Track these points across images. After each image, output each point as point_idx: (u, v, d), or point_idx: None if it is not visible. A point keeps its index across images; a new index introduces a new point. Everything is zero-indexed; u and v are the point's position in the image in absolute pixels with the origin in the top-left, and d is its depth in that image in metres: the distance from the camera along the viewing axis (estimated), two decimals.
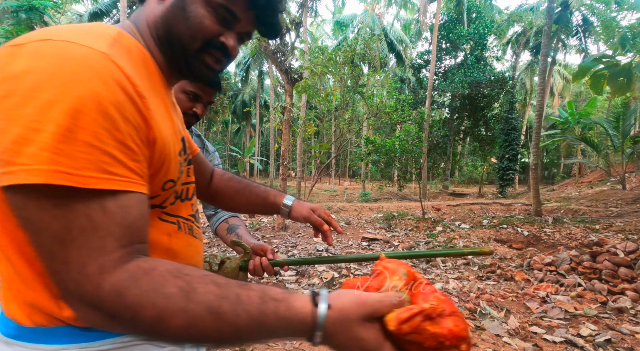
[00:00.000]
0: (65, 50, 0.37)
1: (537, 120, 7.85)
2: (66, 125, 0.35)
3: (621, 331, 2.32)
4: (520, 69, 23.76)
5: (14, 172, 0.34)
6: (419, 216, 7.60)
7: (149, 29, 0.52)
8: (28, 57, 0.36)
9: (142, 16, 0.53)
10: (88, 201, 0.36)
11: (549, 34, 7.51)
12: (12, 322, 0.45)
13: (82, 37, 0.40)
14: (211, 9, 0.50)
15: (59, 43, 0.38)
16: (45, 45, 0.37)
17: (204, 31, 0.50)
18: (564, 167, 26.85)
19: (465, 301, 2.86)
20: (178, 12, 0.50)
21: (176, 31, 0.50)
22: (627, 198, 9.63)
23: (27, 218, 0.36)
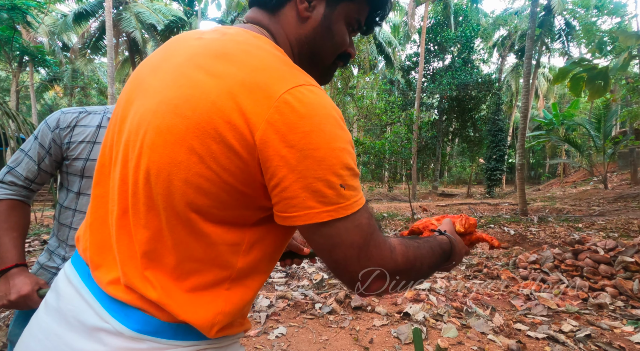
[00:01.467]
0: (322, 96, 0.45)
1: (522, 121, 8.03)
2: (350, 166, 0.45)
3: (601, 327, 2.39)
4: (507, 72, 24.26)
5: (336, 209, 0.43)
6: (408, 217, 7.68)
7: (291, 46, 0.56)
8: (309, 108, 0.43)
9: (281, 31, 0.56)
10: (366, 212, 0.47)
11: (533, 38, 7.71)
12: (152, 318, 0.47)
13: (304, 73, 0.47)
14: (348, 25, 0.58)
15: (313, 89, 0.45)
16: (308, 92, 0.44)
17: (343, 46, 0.58)
18: (549, 167, 27.49)
19: (452, 300, 2.91)
20: (325, 31, 0.56)
21: (320, 49, 0.57)
22: (608, 197, 9.92)
23: (337, 241, 0.45)
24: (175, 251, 0.46)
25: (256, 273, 0.52)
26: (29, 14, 8.64)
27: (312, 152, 0.42)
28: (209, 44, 0.48)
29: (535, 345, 2.19)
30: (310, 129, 0.42)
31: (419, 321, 2.48)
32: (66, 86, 18.49)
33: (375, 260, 0.47)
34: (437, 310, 2.66)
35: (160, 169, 0.44)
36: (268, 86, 0.43)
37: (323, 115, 0.43)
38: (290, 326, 2.43)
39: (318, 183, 0.42)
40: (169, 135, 0.44)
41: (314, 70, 0.58)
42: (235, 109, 0.42)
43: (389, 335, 2.30)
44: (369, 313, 2.66)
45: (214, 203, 0.45)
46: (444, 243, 0.62)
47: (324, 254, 0.47)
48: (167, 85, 0.47)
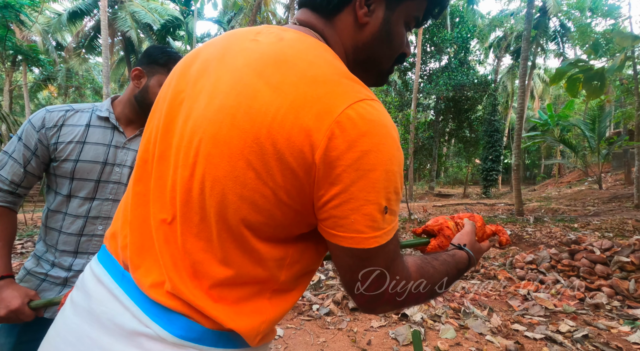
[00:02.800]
0: (383, 113, 0.43)
1: (518, 122, 8.08)
2: (398, 191, 0.44)
3: (598, 327, 2.40)
4: (502, 73, 24.43)
5: (381, 236, 0.43)
6: (405, 217, 7.69)
7: (346, 53, 0.53)
8: (370, 125, 0.41)
9: (336, 38, 0.53)
10: (396, 237, 0.47)
11: (529, 39, 7.77)
12: (196, 324, 0.46)
13: (364, 86, 0.45)
14: (406, 25, 0.55)
15: (375, 104, 0.43)
16: (370, 108, 0.42)
17: (401, 48, 0.56)
18: (545, 167, 27.70)
19: (450, 301, 2.91)
20: (384, 36, 0.53)
21: (378, 54, 0.54)
22: (603, 197, 10.01)
23: (362, 263, 0.44)
24: (225, 263, 0.46)
25: (296, 284, 0.51)
26: (22, 13, 8.55)
27: (367, 173, 0.40)
28: (267, 50, 0.46)
29: (533, 346, 2.18)
30: (369, 148, 0.40)
31: (416, 323, 2.47)
32: (60, 86, 18.32)
33: (390, 284, 0.47)
34: (435, 311, 2.65)
35: (215, 181, 0.43)
36: (330, 100, 0.41)
37: (383, 134, 0.41)
38: (287, 328, 2.41)
39: (369, 206, 0.41)
40: (225, 147, 0.42)
41: (369, 75, 0.56)
42: (296, 126, 0.40)
43: (387, 337, 2.29)
44: (366, 314, 2.65)
45: (266, 220, 0.44)
46: (462, 261, 0.61)
47: (345, 272, 0.46)
48: (224, 91, 0.45)
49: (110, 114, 0.96)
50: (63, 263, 0.90)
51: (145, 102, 0.95)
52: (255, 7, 5.77)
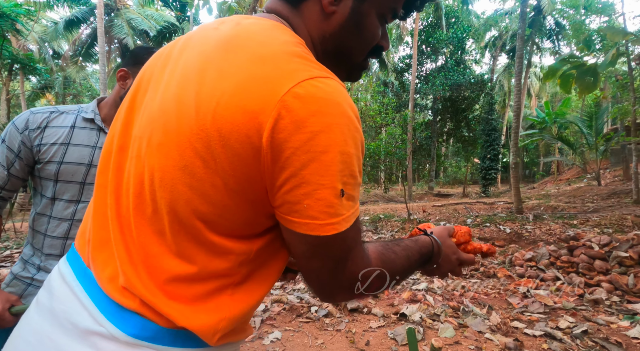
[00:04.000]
0: (337, 91, 0.40)
1: (515, 120, 8.09)
2: (356, 174, 0.42)
3: (597, 322, 2.39)
4: (498, 72, 24.50)
5: (339, 222, 0.40)
6: (404, 218, 7.68)
7: (313, 43, 0.51)
8: (321, 104, 0.38)
9: (302, 27, 0.51)
10: (356, 224, 0.44)
11: (523, 38, 7.79)
12: (150, 323, 0.44)
13: (320, 65, 0.43)
14: (380, 16, 0.52)
15: (328, 81, 0.40)
16: (322, 85, 0.39)
17: (374, 41, 0.53)
18: (544, 165, 27.72)
19: (449, 300, 2.89)
20: (353, 27, 0.50)
21: (348, 46, 0.52)
22: (602, 193, 10.00)
23: (321, 251, 0.42)
24: (180, 257, 0.44)
25: (261, 279, 0.49)
26: (18, 22, 8.57)
27: (319, 155, 0.38)
28: (221, 36, 0.45)
29: (533, 343, 2.17)
30: (320, 129, 0.38)
31: (415, 322, 2.46)
32: (58, 94, 18.35)
33: (348, 274, 0.45)
34: (434, 310, 2.64)
35: (165, 172, 0.42)
36: (277, 80, 0.38)
37: (336, 113, 0.39)
38: (285, 330, 2.39)
39: (324, 190, 0.39)
40: (174, 136, 0.41)
41: (341, 68, 0.54)
42: (240, 108, 0.38)
43: (386, 337, 2.28)
44: (365, 315, 2.63)
45: (220, 212, 0.42)
46: (425, 246, 0.60)
47: (301, 259, 0.44)
48: (178, 80, 0.44)
49: (95, 116, 0.95)
50: (49, 266, 0.89)
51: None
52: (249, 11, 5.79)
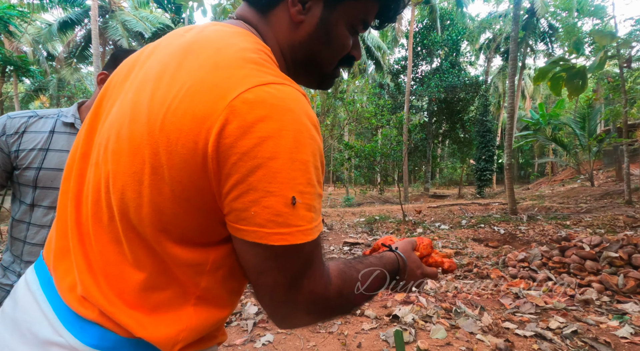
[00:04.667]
0: (292, 98, 0.39)
1: (509, 122, 8.16)
2: (314, 183, 0.40)
3: (587, 322, 2.41)
4: (493, 73, 24.72)
5: (291, 233, 0.38)
6: (400, 219, 7.70)
7: (282, 51, 0.51)
8: (271, 109, 0.37)
9: (270, 35, 0.50)
10: (316, 241, 0.42)
11: (516, 40, 7.87)
12: (110, 333, 0.43)
13: (278, 72, 0.42)
14: (350, 27, 0.51)
15: (283, 87, 0.39)
16: (274, 92, 0.39)
17: (344, 51, 0.53)
18: (538, 166, 27.94)
19: (442, 301, 2.91)
20: (322, 36, 0.50)
21: (318, 55, 0.52)
22: (595, 194, 10.10)
23: (272, 265, 0.40)
24: (137, 266, 0.43)
25: (226, 291, 0.48)
26: (11, 24, 8.51)
27: (267, 162, 0.37)
28: (182, 42, 0.45)
29: (524, 343, 2.19)
30: (268, 135, 0.37)
31: (408, 324, 2.47)
32: (52, 96, 18.22)
33: (304, 293, 0.42)
34: (426, 312, 2.65)
35: (117, 178, 0.42)
36: (227, 85, 0.38)
37: (288, 120, 0.38)
38: (277, 333, 2.39)
39: (271, 198, 0.37)
40: (126, 143, 0.41)
41: (312, 77, 0.54)
42: (188, 114, 0.38)
43: (378, 339, 2.28)
44: (358, 317, 2.64)
45: (169, 218, 0.41)
46: (390, 264, 0.59)
47: (251, 273, 0.42)
48: (135, 86, 0.44)
49: (76, 120, 0.94)
50: None
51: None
52: None
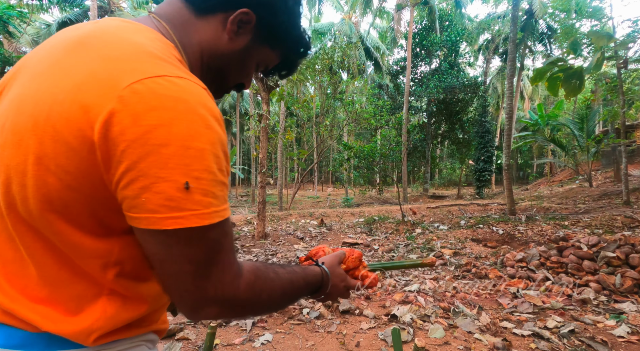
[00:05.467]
0: (187, 90, 0.41)
1: (507, 123, 8.19)
2: (213, 170, 0.40)
3: (584, 322, 2.42)
4: (492, 74, 24.79)
5: (185, 216, 0.39)
6: (399, 219, 7.71)
7: (201, 54, 0.54)
8: (162, 99, 0.38)
9: (195, 36, 0.53)
10: (220, 228, 0.42)
11: (515, 41, 7.90)
12: (16, 330, 0.43)
13: (177, 67, 0.44)
14: (257, 64, 0.61)
15: (178, 81, 0.41)
16: (168, 84, 0.40)
17: (244, 78, 0.62)
18: (537, 167, 28.00)
19: (440, 301, 2.92)
20: (238, 59, 0.57)
21: (227, 71, 0.58)
22: (593, 194, 10.13)
23: (175, 252, 0.40)
24: (33, 261, 0.43)
25: (141, 283, 0.47)
26: (10, 24, 8.51)
27: (158, 148, 0.37)
28: (76, 36, 0.45)
29: (521, 342, 2.20)
30: (158, 123, 0.37)
31: (406, 323, 2.48)
32: None
33: (214, 282, 0.42)
34: (424, 311, 2.66)
35: (1, 172, 0.41)
36: (118, 76, 0.39)
37: (182, 110, 0.39)
38: (276, 332, 2.40)
39: (162, 183, 0.37)
40: (9, 135, 0.41)
41: (214, 84, 0.59)
42: (76, 103, 0.38)
43: (376, 338, 2.29)
44: (356, 317, 2.65)
45: (60, 209, 0.40)
46: (313, 275, 0.61)
47: (155, 262, 0.42)
48: (25, 80, 0.43)
49: None
50: None
51: None
52: None
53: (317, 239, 6.17)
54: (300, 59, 0.65)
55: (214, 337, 1.27)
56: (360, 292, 0.74)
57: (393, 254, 4.95)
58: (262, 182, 6.41)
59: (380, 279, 3.57)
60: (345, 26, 22.01)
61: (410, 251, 5.00)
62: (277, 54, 0.61)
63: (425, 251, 4.94)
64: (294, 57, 0.64)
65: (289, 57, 0.63)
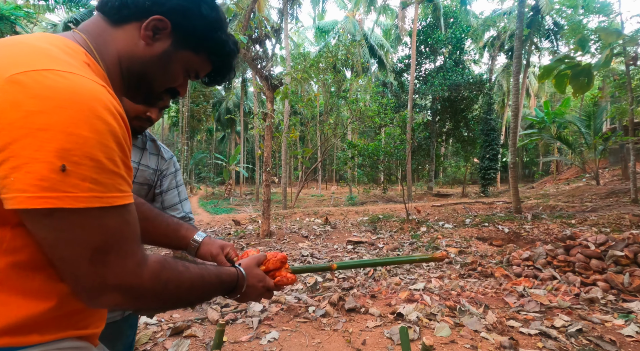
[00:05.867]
0: (77, 84, 0.41)
1: (513, 120, 8.12)
2: (97, 159, 0.41)
3: (592, 321, 2.40)
4: (497, 71, 24.55)
5: (60, 197, 0.39)
6: (403, 218, 7.69)
7: (119, 60, 0.56)
8: (46, 90, 0.39)
9: (112, 44, 0.56)
10: (118, 216, 0.44)
11: (521, 38, 7.82)
12: None
13: (75, 66, 0.44)
14: (185, 71, 0.62)
15: (69, 76, 0.41)
16: (56, 77, 0.40)
17: (173, 84, 0.63)
18: (543, 165, 27.73)
19: (446, 299, 2.91)
20: (160, 64, 0.58)
21: (150, 76, 0.59)
22: (600, 192, 10.02)
23: (61, 234, 0.41)
24: None
25: (40, 276, 0.45)
26: (17, 24, 8.60)
27: (35, 132, 0.38)
28: None
29: (528, 341, 2.19)
30: (39, 110, 0.38)
31: (412, 321, 2.48)
32: None
33: (113, 269, 0.43)
34: (430, 310, 2.66)
35: None
36: (3, 69, 0.40)
37: (67, 99, 0.39)
38: (283, 330, 2.41)
39: (35, 164, 0.38)
40: None
41: (139, 91, 0.61)
42: None
43: (382, 336, 2.29)
44: (362, 315, 2.65)
45: None
46: (227, 274, 0.64)
47: (47, 248, 0.42)
48: None
49: None
50: None
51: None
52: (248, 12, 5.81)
53: (322, 237, 6.18)
54: (230, 63, 0.67)
55: (222, 334, 1.28)
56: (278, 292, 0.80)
57: (398, 252, 4.94)
58: (267, 180, 6.43)
59: (385, 277, 3.58)
60: (349, 24, 21.91)
61: (415, 250, 4.99)
62: (204, 58, 0.63)
63: (430, 250, 4.93)
64: (220, 62, 0.65)
65: (218, 62, 0.65)
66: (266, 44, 6.81)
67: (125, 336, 1.04)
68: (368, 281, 3.45)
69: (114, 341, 0.99)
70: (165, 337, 2.30)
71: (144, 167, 1.03)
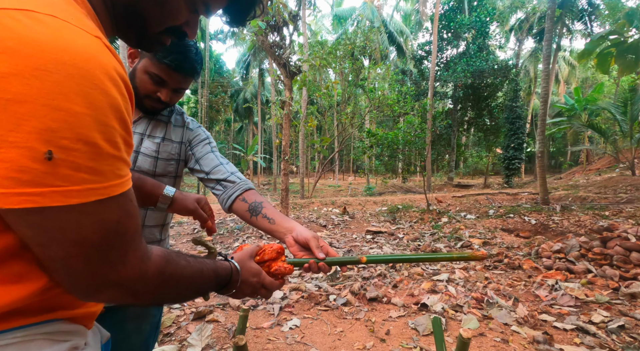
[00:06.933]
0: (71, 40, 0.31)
1: (542, 107, 7.69)
2: (92, 141, 0.32)
3: (635, 317, 2.24)
4: (524, 57, 23.39)
5: (44, 193, 0.31)
6: (423, 208, 7.53)
7: None
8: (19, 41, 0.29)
9: None
10: (114, 207, 0.36)
11: (553, 19, 7.32)
12: None
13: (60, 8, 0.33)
14: (191, 3, 0.48)
15: (49, 20, 0.31)
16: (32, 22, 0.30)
17: (175, 20, 0.48)
18: (571, 155, 26.47)
19: (472, 291, 2.80)
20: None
21: (145, 9, 0.45)
22: (637, 183, 9.43)
23: (50, 234, 0.33)
24: None
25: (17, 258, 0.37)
26: None
27: (9, 104, 0.28)
28: None
29: (564, 336, 2.06)
30: (11, 72, 0.28)
31: (437, 312, 2.39)
32: None
33: (115, 266, 0.38)
34: (456, 301, 2.56)
35: None
36: None
37: (51, 59, 0.29)
38: (304, 318, 2.38)
39: (12, 150, 0.29)
40: None
41: (131, 31, 0.48)
42: None
43: (406, 327, 2.22)
44: (384, 305, 2.59)
45: None
46: (222, 268, 0.59)
47: (35, 247, 0.34)
48: None
49: None
50: None
51: (132, 83, 0.90)
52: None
53: (340, 227, 6.13)
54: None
55: (246, 320, 1.25)
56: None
57: (419, 243, 4.82)
58: (285, 169, 6.40)
59: (407, 267, 3.49)
60: (368, 10, 21.34)
61: (436, 241, 4.85)
62: None
63: (452, 241, 4.78)
64: None
65: None
66: (284, 31, 6.69)
67: (152, 316, 1.03)
68: (389, 271, 3.37)
69: (140, 321, 0.99)
70: (189, 321, 2.32)
71: (167, 142, 0.98)
